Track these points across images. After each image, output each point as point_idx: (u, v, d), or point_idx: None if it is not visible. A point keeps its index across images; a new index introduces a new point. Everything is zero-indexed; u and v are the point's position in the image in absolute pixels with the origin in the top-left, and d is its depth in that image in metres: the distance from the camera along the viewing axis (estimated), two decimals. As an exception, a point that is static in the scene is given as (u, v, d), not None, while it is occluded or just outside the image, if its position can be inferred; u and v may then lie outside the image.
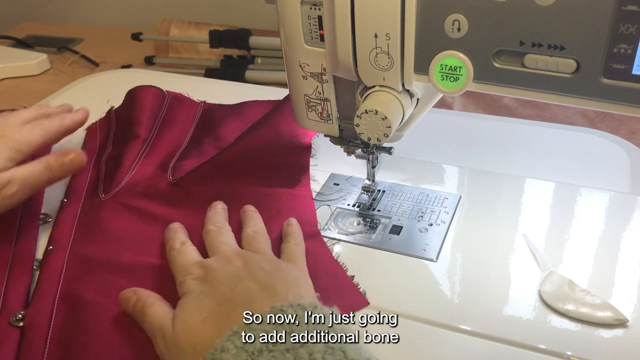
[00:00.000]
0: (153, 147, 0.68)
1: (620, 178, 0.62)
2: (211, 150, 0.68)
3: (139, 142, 0.68)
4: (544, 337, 0.45)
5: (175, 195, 0.61)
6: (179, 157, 0.67)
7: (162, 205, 0.60)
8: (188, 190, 0.61)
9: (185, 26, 1.07)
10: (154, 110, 0.73)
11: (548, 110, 0.81)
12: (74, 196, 0.62)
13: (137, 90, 0.75)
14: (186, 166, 0.65)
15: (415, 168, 0.65)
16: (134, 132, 0.69)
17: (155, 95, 0.75)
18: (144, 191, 0.62)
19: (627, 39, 0.36)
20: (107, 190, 0.62)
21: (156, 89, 0.75)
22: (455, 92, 0.43)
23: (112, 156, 0.68)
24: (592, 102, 0.40)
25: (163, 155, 0.67)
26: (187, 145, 0.69)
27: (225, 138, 0.70)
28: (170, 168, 0.65)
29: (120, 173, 0.63)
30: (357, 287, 0.50)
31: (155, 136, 0.70)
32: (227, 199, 0.59)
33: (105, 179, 0.64)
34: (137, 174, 0.64)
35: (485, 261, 0.52)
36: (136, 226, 0.58)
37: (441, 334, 0.46)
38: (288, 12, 0.47)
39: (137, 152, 0.66)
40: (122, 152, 0.66)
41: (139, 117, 0.71)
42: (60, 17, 1.34)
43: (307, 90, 0.52)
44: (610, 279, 0.50)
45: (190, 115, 0.75)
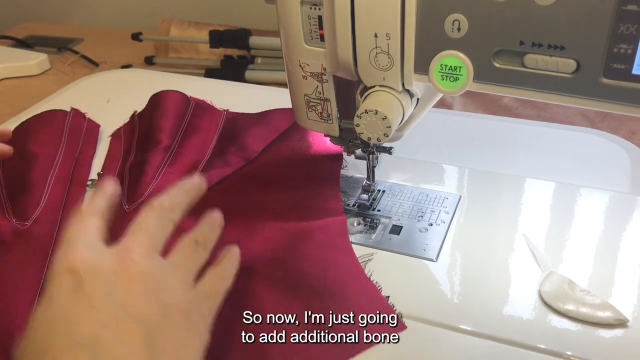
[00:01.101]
0: (177, 155, 0.67)
1: (620, 178, 0.62)
2: (236, 160, 0.67)
3: (162, 150, 0.66)
4: (544, 337, 0.45)
5: (199, 206, 0.59)
6: (204, 167, 0.65)
7: (187, 217, 0.59)
8: (212, 201, 0.59)
9: (185, 26, 1.07)
10: (177, 116, 0.71)
11: (548, 110, 0.81)
12: None
13: (161, 95, 0.74)
14: (212, 177, 0.63)
15: (415, 168, 0.65)
16: (156, 137, 0.68)
17: (179, 101, 0.73)
18: None
19: (627, 39, 0.36)
20: (131, 201, 0.61)
21: (181, 95, 0.74)
22: (455, 92, 0.43)
23: (134, 163, 0.66)
24: (592, 102, 0.40)
25: (187, 165, 0.66)
26: (212, 155, 0.68)
27: (251, 147, 0.68)
28: None
29: (144, 182, 0.62)
30: (393, 308, 0.48)
31: (179, 144, 0.68)
32: (254, 211, 0.57)
33: (129, 188, 0.63)
34: (161, 183, 0.63)
35: (485, 261, 0.52)
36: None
37: (441, 334, 0.46)
38: (288, 12, 0.47)
39: (160, 160, 0.65)
40: (145, 159, 0.65)
41: (162, 123, 0.69)
42: (60, 17, 1.34)
43: (307, 90, 0.52)
44: (610, 279, 0.50)
45: (213, 124, 0.73)
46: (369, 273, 0.51)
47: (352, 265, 0.52)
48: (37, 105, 0.84)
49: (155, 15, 1.14)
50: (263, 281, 0.51)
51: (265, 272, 0.51)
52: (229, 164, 0.66)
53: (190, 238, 0.42)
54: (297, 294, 0.49)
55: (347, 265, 0.52)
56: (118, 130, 0.74)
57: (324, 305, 0.48)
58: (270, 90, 0.86)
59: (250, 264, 0.52)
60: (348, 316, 0.47)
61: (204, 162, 0.66)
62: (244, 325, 0.47)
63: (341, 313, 0.47)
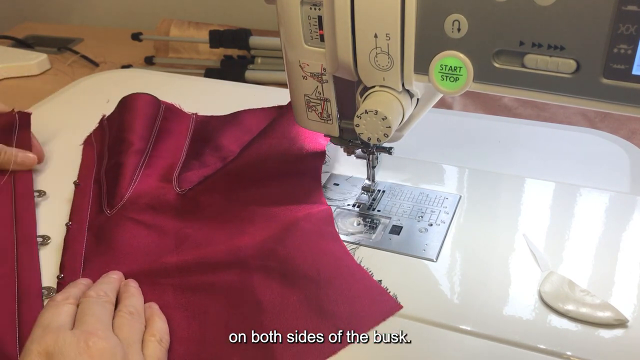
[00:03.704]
0: (152, 158, 0.67)
1: (620, 178, 0.62)
2: (213, 160, 0.68)
3: (137, 153, 0.66)
4: (544, 337, 0.45)
5: (185, 206, 0.60)
6: (181, 169, 0.66)
7: (171, 219, 0.59)
8: (198, 201, 0.60)
9: (185, 26, 1.07)
10: (148, 118, 0.71)
11: (548, 110, 0.81)
12: (78, 217, 0.60)
13: (130, 97, 0.73)
14: (191, 177, 0.64)
15: (415, 168, 0.65)
16: (127, 139, 0.67)
17: (149, 103, 0.73)
18: (152, 203, 0.61)
19: (627, 39, 0.36)
20: (112, 205, 0.61)
21: (150, 97, 0.74)
22: (455, 92, 0.43)
23: (110, 166, 0.66)
24: (592, 102, 0.40)
25: (163, 167, 0.66)
26: (187, 157, 0.68)
27: (226, 147, 0.69)
28: (175, 179, 0.64)
29: (122, 185, 0.62)
30: (387, 291, 0.49)
31: (153, 147, 0.68)
32: (238, 208, 0.58)
33: (108, 193, 0.62)
34: (140, 185, 0.63)
35: (485, 261, 0.52)
36: (147, 241, 0.57)
37: (441, 333, 0.46)
38: (288, 12, 0.47)
39: (136, 163, 0.65)
40: (120, 161, 0.65)
41: (133, 124, 0.69)
42: (60, 17, 1.34)
43: (307, 90, 0.52)
44: (610, 279, 0.50)
45: (183, 128, 0.73)
46: (357, 261, 0.52)
47: (342, 252, 0.53)
48: (37, 105, 0.84)
49: (155, 15, 1.14)
50: (258, 272, 0.51)
51: (259, 263, 0.52)
52: (206, 164, 0.67)
53: (124, 312, 0.47)
54: (293, 282, 0.50)
55: (337, 252, 0.53)
56: (89, 137, 0.74)
57: (320, 291, 0.49)
58: (270, 90, 0.86)
59: (243, 258, 0.53)
60: (344, 302, 0.48)
61: (180, 165, 0.67)
62: (242, 321, 0.47)
63: (338, 299, 0.48)
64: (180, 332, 0.48)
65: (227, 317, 0.48)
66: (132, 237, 0.57)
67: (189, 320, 0.49)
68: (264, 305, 0.48)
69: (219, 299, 0.50)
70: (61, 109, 0.83)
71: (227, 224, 0.57)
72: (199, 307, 0.50)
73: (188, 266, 0.53)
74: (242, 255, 0.53)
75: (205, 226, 0.57)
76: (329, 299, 0.48)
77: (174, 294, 0.51)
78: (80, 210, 0.62)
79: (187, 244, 0.56)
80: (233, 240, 0.55)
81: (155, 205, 0.60)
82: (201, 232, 0.56)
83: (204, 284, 0.51)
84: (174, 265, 0.53)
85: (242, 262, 0.52)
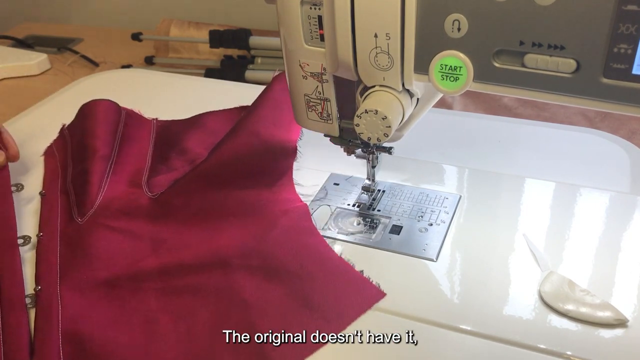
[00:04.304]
0: (117, 164, 0.66)
1: (620, 178, 0.62)
2: (180, 163, 0.67)
3: (102, 159, 0.65)
4: (544, 337, 0.45)
5: (158, 210, 0.59)
6: (149, 174, 0.65)
7: (146, 223, 0.58)
8: (171, 204, 0.59)
9: (185, 26, 1.07)
10: (110, 123, 0.71)
11: (548, 110, 0.81)
12: (48, 228, 0.59)
13: (89, 103, 0.73)
14: (161, 181, 0.63)
15: (415, 168, 0.65)
16: (91, 145, 0.66)
17: (110, 109, 0.72)
18: (124, 209, 0.60)
19: (627, 39, 0.36)
20: (83, 213, 0.60)
21: (109, 102, 0.73)
22: (455, 92, 0.43)
23: (76, 174, 0.65)
24: (592, 102, 0.40)
25: (130, 173, 0.66)
26: (153, 162, 0.68)
27: (192, 150, 0.69)
28: (145, 184, 0.63)
29: (91, 192, 0.61)
30: (370, 280, 0.50)
31: (117, 154, 0.68)
32: (214, 209, 0.58)
33: (78, 201, 0.61)
34: (110, 191, 0.62)
35: (485, 261, 0.52)
36: (122, 246, 0.56)
37: (441, 333, 0.46)
38: (288, 12, 0.47)
39: (103, 170, 0.64)
40: (86, 168, 0.64)
41: (94, 129, 0.68)
42: (60, 17, 1.34)
43: (307, 90, 0.52)
44: (610, 279, 0.50)
45: (145, 133, 0.73)
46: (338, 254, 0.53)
47: (322, 246, 0.53)
48: (37, 105, 0.84)
49: (155, 15, 1.14)
50: (241, 271, 0.51)
51: (241, 262, 0.52)
52: (174, 167, 0.66)
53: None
54: (277, 278, 0.50)
55: (317, 246, 0.53)
56: (49, 148, 0.73)
57: (305, 285, 0.49)
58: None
59: (224, 258, 0.53)
60: (329, 294, 0.48)
61: (147, 170, 0.66)
62: (230, 320, 0.48)
63: (322, 291, 0.48)
64: (168, 335, 0.48)
65: (214, 317, 0.48)
66: (107, 243, 0.56)
67: (175, 323, 0.48)
68: (249, 303, 0.48)
69: (204, 300, 0.50)
70: (61, 109, 0.83)
71: (204, 225, 0.57)
72: (184, 309, 0.50)
73: (169, 269, 0.53)
74: (223, 255, 0.53)
75: (182, 229, 0.57)
76: (314, 291, 0.49)
77: (156, 298, 0.51)
78: (49, 220, 0.61)
79: (164, 248, 0.55)
80: (212, 242, 0.55)
81: (128, 211, 0.60)
82: (178, 235, 0.56)
83: (188, 287, 0.51)
84: (154, 269, 0.53)
85: (224, 262, 0.52)
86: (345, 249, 0.55)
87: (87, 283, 0.53)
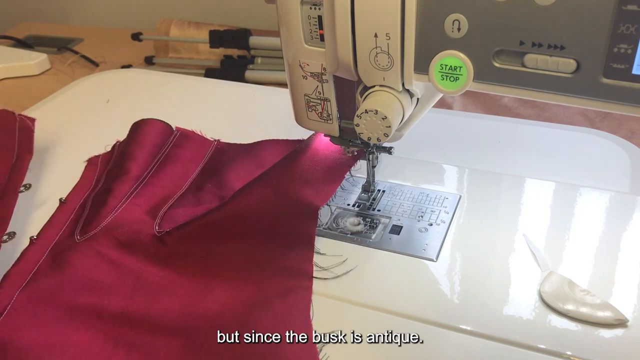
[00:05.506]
0: (147, 185, 0.62)
1: (620, 178, 0.62)
2: (210, 197, 0.62)
3: (130, 179, 0.62)
4: (544, 337, 0.45)
5: (157, 251, 0.56)
6: (175, 202, 0.61)
7: (138, 260, 0.55)
8: (173, 247, 0.56)
9: (185, 26, 1.07)
10: (154, 146, 0.67)
11: (548, 110, 0.81)
12: (46, 235, 0.58)
13: (142, 122, 0.70)
14: (177, 216, 0.59)
15: (415, 168, 0.65)
16: (125, 166, 0.63)
17: (160, 131, 0.69)
18: (123, 239, 0.56)
19: (627, 39, 0.36)
20: (85, 232, 0.57)
21: (163, 124, 0.70)
22: (455, 92, 0.43)
23: (99, 192, 0.62)
24: (592, 102, 0.40)
25: (157, 196, 0.62)
26: (188, 188, 0.64)
27: (229, 185, 0.64)
28: (160, 216, 0.59)
29: (103, 213, 0.58)
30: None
31: (152, 174, 0.64)
32: (214, 263, 0.54)
33: (87, 218, 0.58)
34: (124, 213, 0.58)
35: (485, 261, 0.52)
36: (102, 277, 0.53)
37: (441, 333, 0.46)
38: (288, 12, 0.47)
39: (126, 190, 0.61)
40: (110, 187, 0.61)
41: (135, 151, 0.66)
42: (60, 17, 1.34)
43: (307, 90, 0.52)
44: (610, 279, 0.50)
45: (199, 154, 0.69)
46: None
47: (308, 348, 0.46)
48: (37, 105, 0.84)
49: (155, 15, 1.14)
50: (207, 347, 0.47)
51: (211, 342, 0.47)
52: (202, 201, 0.62)
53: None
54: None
55: (301, 350, 0.46)
56: (95, 157, 0.70)
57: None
58: (270, 90, 0.86)
59: (198, 323, 0.49)
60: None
61: (176, 197, 0.62)
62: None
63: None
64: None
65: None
66: (89, 268, 0.53)
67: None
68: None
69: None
70: (61, 109, 0.83)
71: (191, 281, 0.53)
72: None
73: (131, 318, 0.49)
74: (192, 325, 0.48)
75: (172, 276, 0.53)
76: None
77: (105, 341, 0.48)
78: (52, 228, 0.59)
79: (142, 292, 0.52)
80: (191, 302, 0.51)
81: (127, 243, 0.56)
82: (162, 282, 0.52)
83: (143, 344, 0.47)
84: (118, 312, 0.50)
85: (188, 335, 0.48)
86: (345, 249, 0.54)
87: (48, 301, 0.50)
